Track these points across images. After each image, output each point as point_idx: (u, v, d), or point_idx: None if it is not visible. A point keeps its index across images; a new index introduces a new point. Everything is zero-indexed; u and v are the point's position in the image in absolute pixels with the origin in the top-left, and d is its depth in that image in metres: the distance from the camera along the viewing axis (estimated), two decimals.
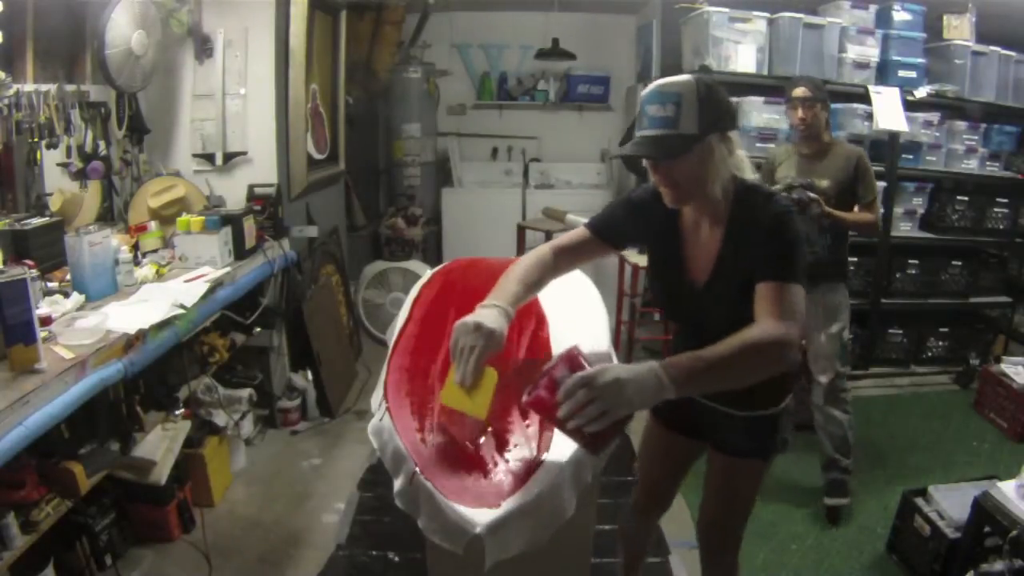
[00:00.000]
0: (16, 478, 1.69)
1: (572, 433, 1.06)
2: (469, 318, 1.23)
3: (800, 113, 2.55)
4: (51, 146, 2.41)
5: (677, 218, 1.41)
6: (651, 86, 1.26)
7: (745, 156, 1.35)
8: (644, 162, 1.30)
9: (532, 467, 1.17)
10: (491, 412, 1.19)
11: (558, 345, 1.43)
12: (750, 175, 1.36)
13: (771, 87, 3.75)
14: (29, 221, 2.16)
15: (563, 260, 1.45)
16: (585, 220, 1.51)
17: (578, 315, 1.72)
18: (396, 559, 2.31)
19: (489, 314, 1.25)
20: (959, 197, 3.96)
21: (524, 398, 1.08)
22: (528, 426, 1.28)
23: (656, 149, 1.24)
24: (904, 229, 3.95)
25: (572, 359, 1.04)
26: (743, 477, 1.55)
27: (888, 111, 3.61)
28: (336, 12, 3.79)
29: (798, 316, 1.20)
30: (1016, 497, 1.93)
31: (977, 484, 2.22)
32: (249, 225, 2.75)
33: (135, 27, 2.53)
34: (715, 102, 1.24)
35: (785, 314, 1.19)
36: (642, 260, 3.58)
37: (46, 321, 1.82)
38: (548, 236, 4.13)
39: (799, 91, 2.55)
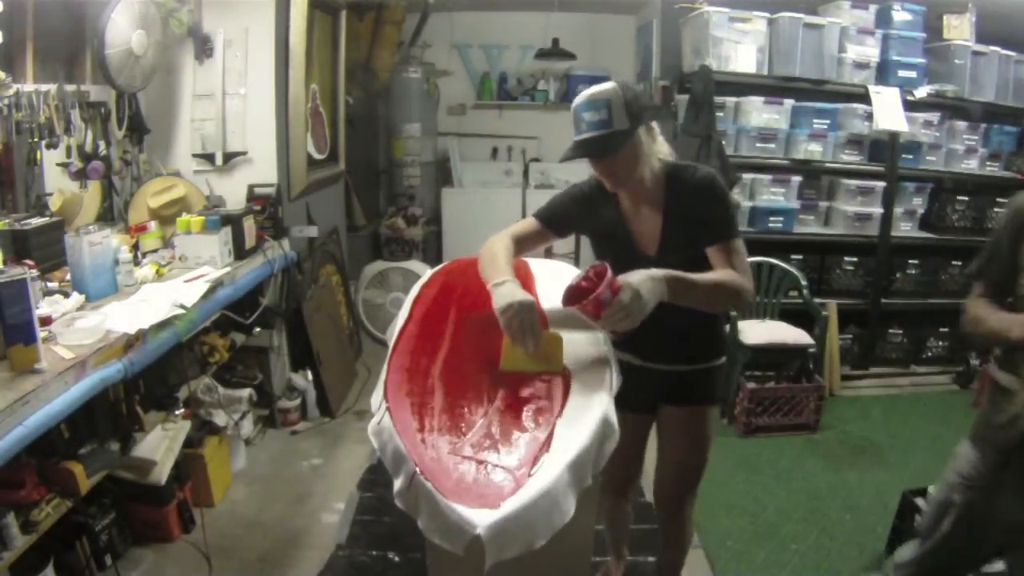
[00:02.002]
0: (16, 478, 1.69)
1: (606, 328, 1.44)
2: (511, 300, 1.39)
3: None
4: (51, 146, 2.41)
5: (617, 203, 1.64)
6: (581, 96, 1.49)
7: (663, 141, 1.59)
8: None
9: (532, 468, 1.17)
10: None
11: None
12: (670, 156, 1.60)
13: (771, 87, 3.76)
14: (29, 221, 2.16)
15: (521, 247, 1.70)
16: None
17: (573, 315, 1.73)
18: (396, 559, 2.31)
19: (516, 289, 1.43)
20: (959, 197, 3.96)
21: (580, 306, 1.38)
22: (529, 426, 1.28)
23: (598, 148, 1.48)
24: (904, 229, 3.95)
25: (613, 284, 1.36)
26: (701, 422, 1.74)
27: (888, 111, 3.61)
28: (336, 12, 3.79)
29: (746, 265, 1.51)
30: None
31: None
32: (249, 225, 2.75)
33: (135, 27, 2.53)
34: (637, 101, 1.47)
35: (738, 267, 1.49)
36: None
37: (46, 321, 1.82)
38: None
39: None
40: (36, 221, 2.18)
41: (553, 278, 1.76)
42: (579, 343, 1.49)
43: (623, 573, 2.18)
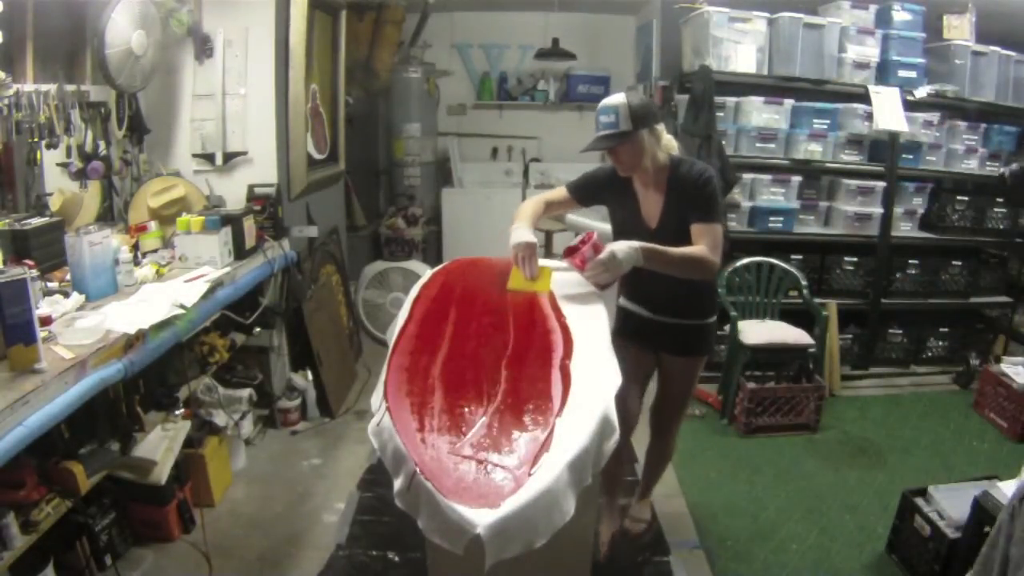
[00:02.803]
0: (16, 478, 1.69)
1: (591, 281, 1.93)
2: (519, 239, 1.98)
3: None
4: (51, 146, 2.41)
5: (631, 185, 2.04)
6: (601, 104, 1.93)
7: (672, 139, 1.98)
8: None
9: (532, 467, 1.17)
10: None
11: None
12: (676, 151, 1.99)
13: (771, 87, 3.76)
14: (29, 221, 2.16)
15: (550, 209, 2.21)
16: (581, 219, 2.00)
17: (581, 306, 1.79)
18: (396, 559, 2.31)
19: (526, 232, 2.01)
20: (959, 197, 3.96)
21: (567, 261, 1.93)
22: (529, 425, 1.28)
23: (608, 142, 1.92)
24: (904, 229, 3.95)
25: (596, 245, 1.85)
26: (689, 370, 2.18)
27: (888, 111, 3.61)
28: (336, 12, 3.79)
29: (719, 245, 1.89)
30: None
31: (977, 484, 2.22)
32: (249, 225, 2.75)
33: (135, 27, 2.53)
34: (640, 110, 1.89)
35: (709, 245, 1.87)
36: None
37: (46, 321, 1.82)
38: (548, 236, 4.14)
39: None
40: (36, 221, 2.18)
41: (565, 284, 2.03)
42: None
43: (617, 527, 2.42)
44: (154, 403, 2.28)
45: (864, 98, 3.70)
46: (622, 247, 1.79)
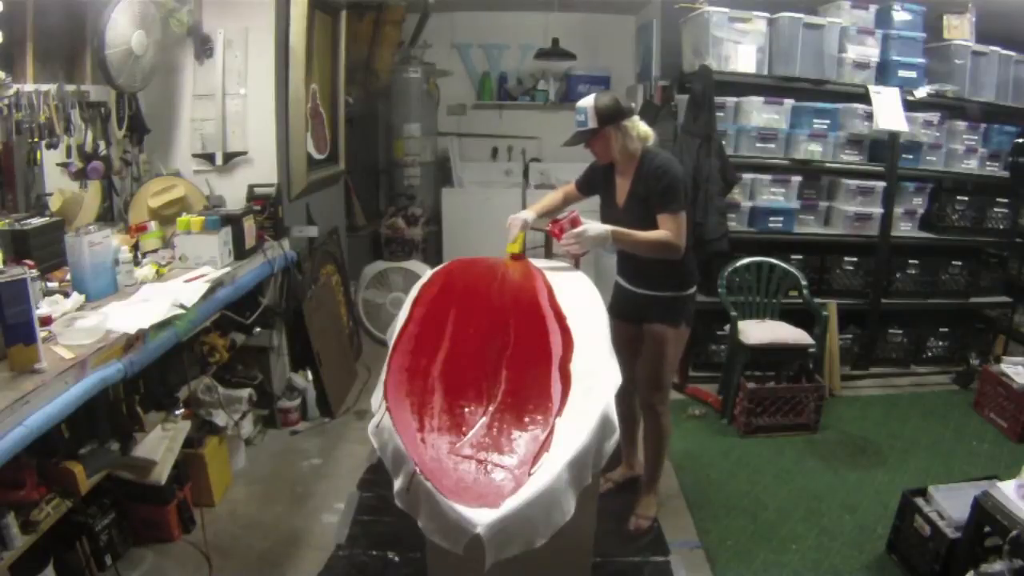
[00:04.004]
0: (16, 478, 1.69)
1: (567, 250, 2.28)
2: (515, 216, 2.40)
3: None
4: (51, 146, 2.41)
5: (612, 173, 2.38)
6: (577, 104, 2.25)
7: (648, 131, 2.26)
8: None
9: (532, 466, 1.17)
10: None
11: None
12: (651, 144, 2.29)
13: (771, 87, 3.76)
14: (29, 221, 2.16)
15: (566, 200, 2.55)
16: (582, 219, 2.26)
17: (582, 307, 1.79)
18: (396, 559, 2.31)
19: (525, 212, 2.45)
20: (959, 197, 3.96)
21: (550, 227, 2.32)
22: (529, 425, 1.28)
23: (579, 138, 2.27)
24: (904, 229, 3.95)
25: (575, 220, 2.22)
26: (664, 337, 2.38)
27: (888, 111, 3.61)
28: (336, 12, 3.79)
29: (681, 230, 2.18)
30: (1016, 497, 1.93)
31: (977, 484, 2.22)
32: (249, 225, 2.75)
33: (135, 27, 2.53)
34: (606, 110, 2.20)
35: (671, 230, 2.17)
36: None
37: (46, 321, 1.82)
38: (548, 236, 4.14)
39: None
40: (36, 221, 2.18)
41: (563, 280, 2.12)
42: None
43: (624, 477, 2.77)
44: (154, 403, 2.28)
45: (864, 98, 3.69)
46: (594, 226, 2.18)
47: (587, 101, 2.21)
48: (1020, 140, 3.88)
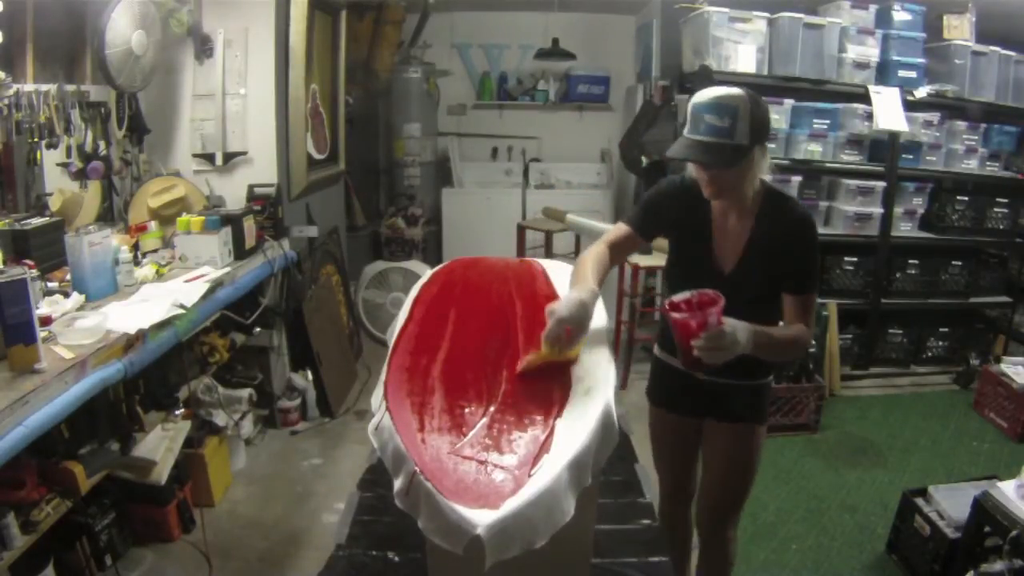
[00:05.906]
0: (16, 478, 1.69)
1: (689, 352, 1.37)
2: (570, 310, 1.38)
3: None
4: (51, 146, 2.41)
5: (706, 208, 1.56)
6: (707, 95, 1.39)
7: (769, 159, 1.50)
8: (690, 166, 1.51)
9: (532, 467, 1.17)
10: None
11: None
12: (768, 175, 1.52)
13: (771, 87, 3.75)
14: (29, 221, 2.16)
15: (615, 254, 1.64)
16: (581, 219, 1.71)
17: None
18: (396, 559, 2.31)
19: (584, 292, 1.42)
20: (959, 197, 3.96)
21: (680, 315, 1.37)
22: (529, 426, 1.28)
23: (713, 156, 1.38)
24: (904, 229, 3.95)
25: (720, 311, 1.34)
26: (748, 441, 1.68)
27: (888, 111, 3.61)
28: (336, 12, 3.79)
29: (812, 320, 1.53)
30: (1016, 497, 1.93)
31: (977, 484, 2.22)
32: (249, 225, 2.75)
33: (135, 27, 2.53)
34: (761, 116, 1.40)
35: (809, 324, 1.51)
36: (643, 260, 3.58)
37: (46, 321, 1.82)
38: (548, 236, 4.14)
39: None
40: (36, 221, 2.18)
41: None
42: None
43: None
44: (154, 403, 2.28)
45: (864, 98, 3.69)
46: (742, 329, 1.34)
47: (735, 97, 1.37)
48: None
